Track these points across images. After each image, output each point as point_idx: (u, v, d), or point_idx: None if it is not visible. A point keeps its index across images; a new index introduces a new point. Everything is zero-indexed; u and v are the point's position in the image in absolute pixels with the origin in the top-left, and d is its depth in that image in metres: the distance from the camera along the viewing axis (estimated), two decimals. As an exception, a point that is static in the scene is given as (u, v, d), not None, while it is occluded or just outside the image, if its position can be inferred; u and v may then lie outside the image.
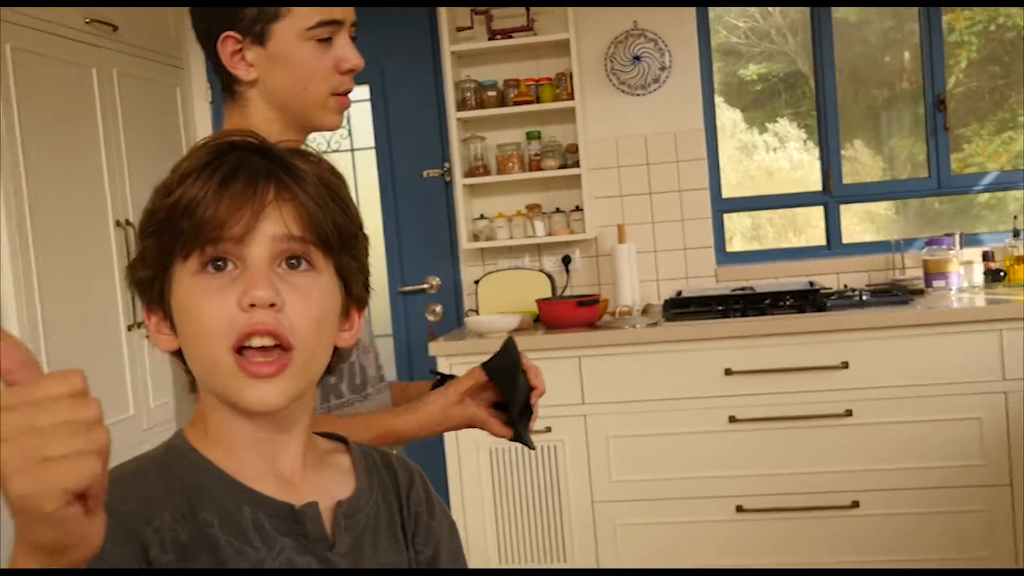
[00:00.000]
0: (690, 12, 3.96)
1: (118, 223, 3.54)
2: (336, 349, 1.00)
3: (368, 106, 4.18)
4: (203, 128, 4.20)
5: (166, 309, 0.95)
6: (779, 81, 4.31)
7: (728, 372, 3.32)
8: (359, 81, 4.14)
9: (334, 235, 0.94)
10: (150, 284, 0.96)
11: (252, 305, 0.89)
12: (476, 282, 3.95)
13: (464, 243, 4.00)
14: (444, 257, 4.17)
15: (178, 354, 0.97)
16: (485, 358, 1.47)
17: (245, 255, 0.90)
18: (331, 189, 0.95)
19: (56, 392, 0.63)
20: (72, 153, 3.34)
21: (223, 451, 0.96)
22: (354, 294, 1.00)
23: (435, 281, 4.17)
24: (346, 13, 1.51)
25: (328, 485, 1.01)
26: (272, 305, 0.89)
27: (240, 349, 0.90)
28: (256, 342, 0.90)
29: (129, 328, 3.54)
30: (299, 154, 0.96)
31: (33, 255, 3.08)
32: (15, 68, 3.06)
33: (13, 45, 3.06)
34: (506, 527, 3.48)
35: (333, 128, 1.57)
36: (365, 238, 1.02)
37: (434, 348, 3.51)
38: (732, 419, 3.33)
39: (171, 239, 0.92)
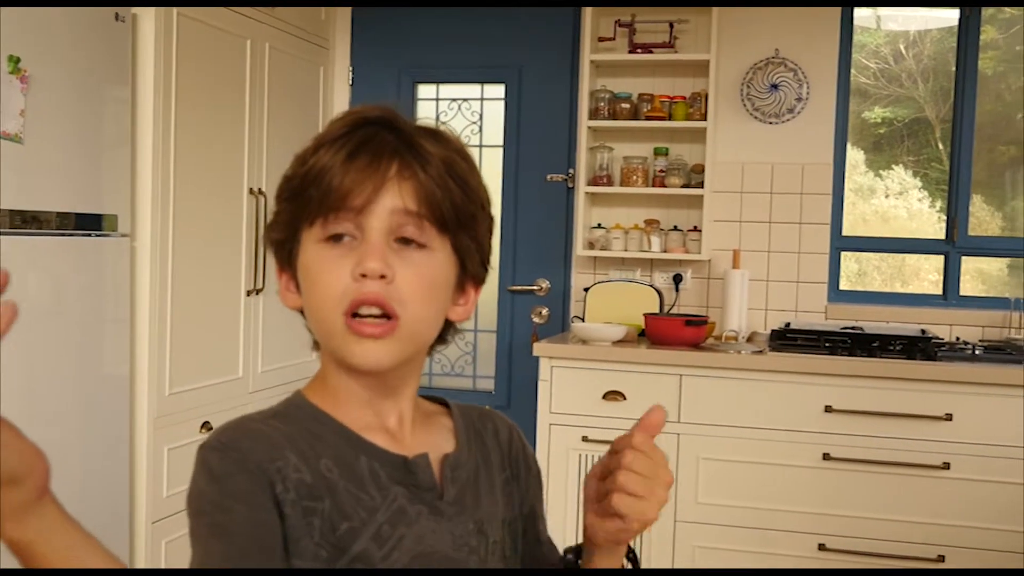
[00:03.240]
0: (833, 44, 3.95)
1: (251, 191, 3.68)
2: (449, 322, 1.07)
3: (502, 104, 4.26)
4: (341, 108, 4.33)
5: (294, 270, 1.04)
6: (903, 127, 4.26)
7: (828, 409, 3.31)
8: (495, 79, 4.26)
9: (451, 214, 0.99)
10: (282, 246, 1.04)
11: (364, 276, 0.96)
12: (586, 290, 4.00)
13: (579, 250, 4.06)
14: (557, 261, 4.22)
15: (302, 312, 1.05)
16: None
17: (364, 226, 0.97)
18: (454, 170, 0.99)
19: None
20: (218, 119, 3.49)
21: (339, 407, 1.03)
22: (470, 271, 1.06)
23: (545, 284, 4.23)
24: None
25: (434, 441, 1.08)
26: (383, 277, 0.96)
27: (352, 314, 0.97)
28: (364, 311, 0.97)
29: (248, 293, 3.68)
30: (430, 134, 1.01)
31: (172, 213, 3.23)
32: (179, 32, 3.21)
33: (180, 11, 3.21)
34: (587, 533, 3.52)
35: None
36: (487, 218, 1.06)
37: (537, 349, 3.57)
38: (826, 456, 3.32)
39: (301, 206, 0.99)
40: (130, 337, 3.13)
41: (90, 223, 2.96)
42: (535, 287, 4.23)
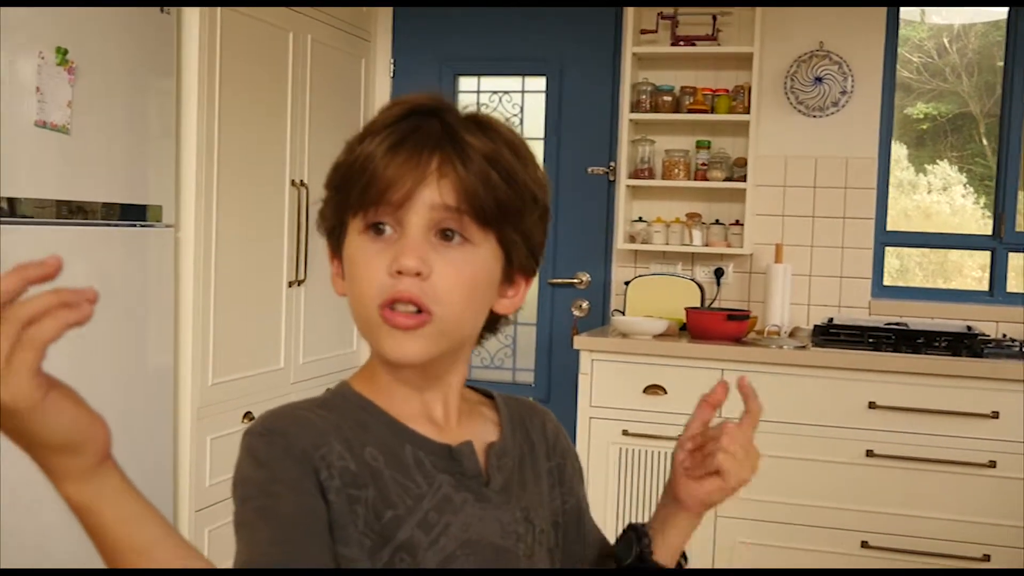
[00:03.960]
0: (879, 37, 3.91)
1: (293, 183, 3.69)
2: (496, 315, 1.06)
3: (543, 96, 4.25)
4: (382, 100, 4.33)
5: (341, 256, 1.03)
6: (946, 122, 4.21)
7: (872, 405, 3.28)
8: (536, 72, 4.25)
9: (492, 209, 0.97)
10: (332, 233, 1.04)
11: (400, 272, 0.95)
12: (626, 283, 3.98)
13: (619, 243, 4.04)
14: (597, 255, 4.21)
15: None
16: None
17: (403, 220, 0.96)
18: (499, 163, 0.98)
19: None
20: (261, 111, 3.50)
21: (385, 397, 1.03)
22: (516, 264, 1.04)
23: (585, 277, 4.21)
24: None
25: (478, 430, 1.08)
26: (418, 274, 0.95)
27: (384, 306, 0.97)
28: (400, 308, 0.96)
29: (290, 285, 3.70)
30: (478, 125, 1.00)
31: (216, 204, 3.25)
32: (223, 24, 3.23)
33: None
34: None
35: None
36: (539, 209, 1.04)
37: (578, 342, 3.56)
38: (870, 453, 3.29)
39: (346, 195, 0.99)
40: (174, 327, 3.15)
41: (135, 214, 2.98)
42: (575, 280, 4.22)
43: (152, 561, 0.77)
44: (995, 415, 3.19)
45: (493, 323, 1.08)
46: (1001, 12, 3.95)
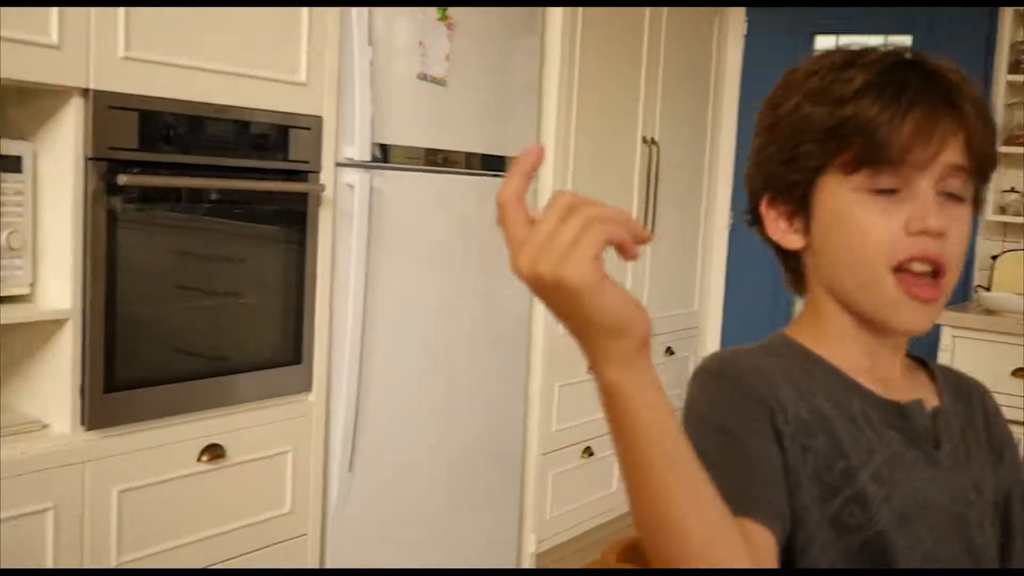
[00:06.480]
0: None
1: (644, 140, 3.70)
2: None
3: (908, 57, 4.01)
4: (733, 61, 4.24)
5: (802, 210, 0.99)
6: None
7: None
8: (902, 30, 4.00)
9: (989, 166, 0.96)
10: (790, 185, 0.99)
11: (922, 232, 0.92)
12: (993, 257, 3.71)
13: (988, 215, 3.76)
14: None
15: (793, 254, 1.02)
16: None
17: (913, 180, 0.93)
18: (991, 119, 0.96)
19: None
20: (617, 69, 3.53)
21: (830, 348, 1.01)
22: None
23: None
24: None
25: (920, 393, 1.03)
26: (940, 235, 0.92)
27: (897, 269, 0.94)
28: (916, 267, 0.93)
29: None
30: (962, 76, 0.96)
31: (572, 158, 3.32)
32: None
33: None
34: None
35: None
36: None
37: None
38: None
39: (836, 151, 0.95)
40: (529, 276, 3.23)
41: (495, 164, 3.08)
42: (932, 252, 3.97)
43: (664, 456, 0.74)
44: None
45: None
46: None
